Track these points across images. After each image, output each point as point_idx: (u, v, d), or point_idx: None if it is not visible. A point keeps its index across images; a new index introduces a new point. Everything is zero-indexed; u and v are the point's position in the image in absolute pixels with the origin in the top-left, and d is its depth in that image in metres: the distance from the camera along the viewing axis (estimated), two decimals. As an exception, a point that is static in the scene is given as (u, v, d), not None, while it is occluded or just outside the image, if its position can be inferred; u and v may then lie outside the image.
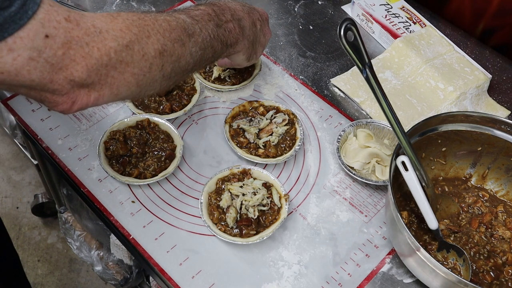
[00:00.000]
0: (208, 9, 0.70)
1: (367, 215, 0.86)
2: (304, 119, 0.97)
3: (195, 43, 0.65)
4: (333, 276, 0.79)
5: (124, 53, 0.55)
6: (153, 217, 0.83)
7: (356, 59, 0.68)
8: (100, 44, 0.53)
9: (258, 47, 0.84)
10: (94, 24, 0.53)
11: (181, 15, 0.65)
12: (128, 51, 0.56)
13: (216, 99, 0.99)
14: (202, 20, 0.67)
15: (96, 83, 0.54)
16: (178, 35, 0.62)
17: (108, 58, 0.54)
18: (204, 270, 0.78)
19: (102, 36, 0.53)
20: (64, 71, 0.51)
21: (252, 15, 0.80)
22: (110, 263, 1.33)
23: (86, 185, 0.86)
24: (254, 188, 0.83)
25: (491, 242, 0.81)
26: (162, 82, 0.63)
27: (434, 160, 0.87)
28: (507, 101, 1.06)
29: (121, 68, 0.55)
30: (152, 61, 0.59)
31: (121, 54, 0.55)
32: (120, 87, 0.57)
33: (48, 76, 0.51)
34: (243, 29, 0.76)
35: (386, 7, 1.16)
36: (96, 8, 1.14)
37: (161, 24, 0.60)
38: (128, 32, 0.56)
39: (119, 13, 0.57)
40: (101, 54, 0.53)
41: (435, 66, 1.03)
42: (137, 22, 0.58)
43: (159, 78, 0.61)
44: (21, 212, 1.86)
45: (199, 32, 0.66)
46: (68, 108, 0.55)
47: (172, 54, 0.61)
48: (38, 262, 1.74)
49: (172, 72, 0.63)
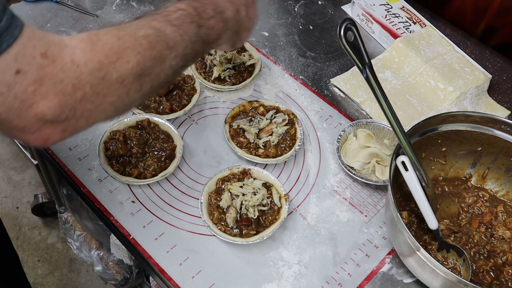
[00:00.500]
0: (189, 8, 0.67)
1: (367, 215, 0.86)
2: (304, 119, 0.97)
3: (176, 56, 0.62)
4: (333, 276, 0.79)
5: (101, 86, 0.53)
6: (153, 217, 0.83)
7: (356, 59, 0.68)
8: (76, 80, 0.50)
9: (242, 33, 0.79)
10: (73, 58, 0.50)
11: (162, 24, 0.62)
12: (105, 82, 0.53)
13: (216, 99, 0.99)
14: (183, 24, 0.64)
15: (70, 118, 0.52)
16: (159, 51, 0.59)
17: (83, 93, 0.51)
18: (204, 270, 0.78)
19: (79, 70, 0.50)
20: (35, 109, 0.49)
21: (236, 1, 0.75)
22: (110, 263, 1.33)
23: (86, 185, 0.86)
24: (254, 188, 0.83)
25: (491, 242, 0.81)
26: (140, 100, 0.61)
27: (434, 160, 0.87)
28: (507, 101, 1.06)
29: (97, 100, 0.53)
30: (130, 86, 0.56)
31: (97, 87, 0.52)
32: (97, 117, 0.55)
33: (17, 113, 0.48)
34: (226, 22, 0.72)
35: (386, 7, 1.16)
36: (96, 8, 1.14)
37: (141, 43, 0.57)
38: (106, 61, 0.53)
39: (98, 35, 0.54)
40: (76, 89, 0.50)
41: (435, 66, 1.03)
42: (117, 45, 0.55)
43: (138, 98, 0.59)
44: (21, 212, 1.86)
45: (181, 41, 0.63)
46: (42, 144, 0.53)
47: (151, 73, 0.59)
48: (38, 262, 1.74)
49: (151, 89, 0.60)
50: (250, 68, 1.01)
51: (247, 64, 1.00)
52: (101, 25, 1.10)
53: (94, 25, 1.10)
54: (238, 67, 1.00)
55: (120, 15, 1.13)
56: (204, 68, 1.00)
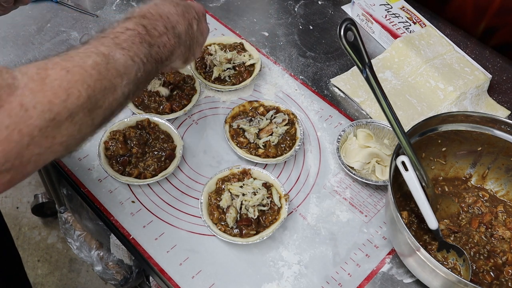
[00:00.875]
0: (138, 27, 0.63)
1: (367, 215, 0.86)
2: (304, 119, 0.97)
3: (128, 82, 0.59)
4: (333, 276, 0.79)
5: (50, 128, 0.49)
6: (153, 217, 0.83)
7: (356, 59, 0.68)
8: (23, 125, 0.47)
9: (196, 48, 0.77)
10: (22, 102, 0.47)
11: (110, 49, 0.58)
12: (55, 123, 0.50)
13: (216, 99, 0.99)
14: (134, 45, 0.61)
15: (17, 166, 0.49)
16: (109, 81, 0.56)
17: (31, 138, 0.48)
18: (204, 270, 0.78)
19: (27, 114, 0.47)
20: None
21: (187, 15, 0.73)
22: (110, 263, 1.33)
23: (86, 185, 0.86)
24: (254, 188, 0.83)
25: (491, 242, 0.81)
26: (93, 133, 0.58)
27: (434, 160, 0.87)
28: (507, 101, 1.06)
29: (47, 143, 0.50)
30: (81, 123, 0.53)
31: (46, 130, 0.49)
32: (47, 159, 0.52)
33: None
34: (179, 37, 0.70)
35: (386, 7, 1.16)
36: (96, 8, 1.14)
37: (91, 74, 0.54)
38: (57, 101, 0.50)
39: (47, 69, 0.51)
40: (22, 135, 0.47)
41: (435, 66, 1.03)
42: (66, 80, 0.51)
43: (90, 132, 0.57)
44: (21, 212, 1.86)
45: (132, 66, 0.59)
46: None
47: (102, 105, 0.55)
48: (38, 262, 1.74)
49: (103, 120, 0.58)
50: (250, 68, 1.01)
51: (247, 64, 1.00)
52: (100, 25, 1.10)
53: (94, 25, 1.10)
54: (238, 67, 1.00)
55: (120, 15, 1.13)
56: (204, 68, 1.00)
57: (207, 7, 1.17)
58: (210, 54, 1.01)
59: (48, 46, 1.05)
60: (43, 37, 1.07)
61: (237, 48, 1.03)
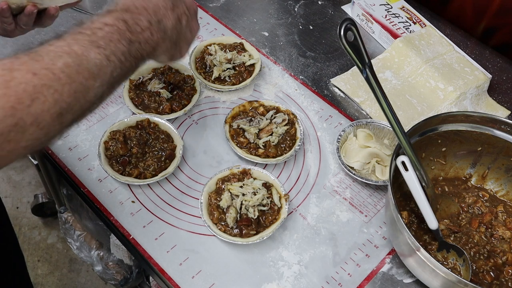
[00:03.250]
0: (118, 22, 0.60)
1: (367, 215, 0.86)
2: (304, 119, 0.97)
3: (102, 84, 0.56)
4: (333, 276, 0.79)
5: (13, 133, 0.48)
6: (153, 217, 0.83)
7: (356, 59, 0.68)
8: None
9: (183, 45, 0.74)
10: None
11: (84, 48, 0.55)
12: (18, 128, 0.48)
13: (216, 99, 0.99)
14: (111, 43, 0.58)
15: None
16: (81, 83, 0.53)
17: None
18: (204, 270, 0.78)
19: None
20: None
21: (176, 10, 0.69)
22: (110, 263, 1.33)
23: (86, 185, 0.86)
24: (254, 188, 0.83)
25: (491, 242, 0.81)
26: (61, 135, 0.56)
27: (434, 160, 0.87)
28: (507, 101, 1.06)
29: (9, 147, 0.48)
30: (48, 127, 0.51)
31: (9, 135, 0.48)
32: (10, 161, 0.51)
33: None
34: (164, 32, 0.67)
35: (386, 7, 1.16)
36: (96, 8, 1.14)
37: (59, 77, 0.51)
38: (20, 106, 0.48)
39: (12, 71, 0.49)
40: None
41: (435, 66, 1.03)
42: (32, 84, 0.49)
43: (58, 134, 0.55)
44: (21, 212, 1.86)
45: (107, 66, 0.57)
46: None
47: (72, 109, 0.53)
48: (38, 262, 1.74)
49: (73, 122, 0.56)
50: (250, 68, 1.01)
51: (247, 64, 1.00)
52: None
53: (94, 25, 1.10)
54: (238, 67, 1.00)
55: (120, 15, 1.13)
56: (204, 68, 1.00)
57: (207, 7, 1.17)
58: (210, 54, 1.01)
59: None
60: (43, 37, 1.07)
61: (237, 48, 1.03)
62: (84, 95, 0.54)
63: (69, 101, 0.52)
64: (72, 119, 0.54)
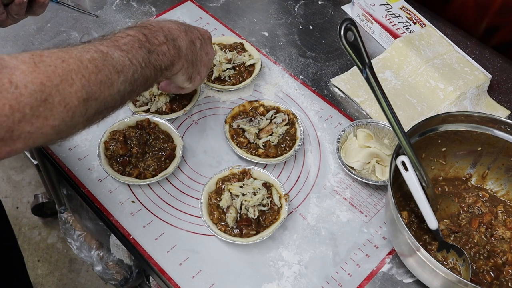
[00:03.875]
0: (138, 34, 0.66)
1: (367, 215, 0.86)
2: (304, 119, 0.97)
3: (125, 80, 0.61)
4: (333, 276, 0.79)
5: (42, 108, 0.51)
6: (153, 217, 0.83)
7: (356, 59, 0.68)
8: (14, 101, 0.48)
9: (200, 67, 0.80)
10: (11, 79, 0.49)
11: (109, 48, 0.60)
12: (47, 105, 0.51)
13: (216, 99, 0.99)
14: (133, 49, 0.63)
15: (7, 139, 0.50)
16: (106, 76, 0.58)
17: (22, 114, 0.49)
18: (204, 270, 0.78)
19: (18, 91, 0.49)
20: None
21: (190, 34, 0.76)
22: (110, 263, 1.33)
23: (86, 185, 0.86)
24: (254, 188, 0.83)
25: (491, 242, 0.81)
26: (85, 124, 0.59)
27: (434, 160, 0.87)
28: (507, 101, 1.06)
29: (38, 123, 0.51)
30: (74, 110, 0.54)
31: (38, 109, 0.50)
32: (37, 140, 0.53)
33: None
34: (179, 49, 0.72)
35: (386, 7, 1.16)
36: (96, 8, 1.14)
37: (87, 66, 0.56)
38: (49, 83, 0.51)
39: (42, 56, 0.52)
40: (14, 111, 0.48)
41: (435, 66, 1.03)
42: (61, 67, 0.53)
43: (82, 122, 0.58)
44: (21, 212, 1.86)
45: (129, 66, 0.62)
46: None
47: (97, 98, 0.57)
48: (38, 262, 1.74)
49: (97, 114, 0.59)
50: (250, 68, 1.01)
51: (247, 64, 1.00)
52: (100, 25, 1.11)
53: (94, 25, 1.10)
54: (238, 67, 1.00)
55: (120, 15, 1.13)
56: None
57: (207, 7, 1.17)
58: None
59: (48, 46, 1.04)
60: (43, 37, 1.07)
61: (237, 48, 1.03)
62: (109, 87, 0.58)
63: (95, 89, 0.56)
64: (96, 109, 0.58)
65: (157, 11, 1.14)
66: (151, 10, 1.15)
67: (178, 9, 1.15)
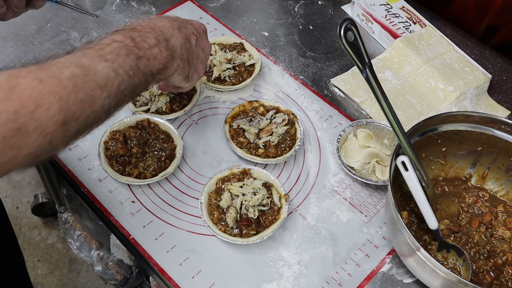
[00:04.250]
0: (125, 39, 0.61)
1: (367, 215, 0.86)
2: (304, 119, 0.97)
3: (109, 95, 0.57)
4: (333, 276, 0.79)
5: (15, 138, 0.47)
6: (153, 217, 0.83)
7: (356, 59, 0.68)
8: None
9: (197, 64, 0.76)
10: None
11: (92, 60, 0.56)
12: (21, 134, 0.48)
13: (216, 99, 0.99)
14: (119, 57, 0.59)
15: None
16: (87, 93, 0.54)
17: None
18: (204, 270, 0.78)
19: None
20: None
21: (184, 30, 0.72)
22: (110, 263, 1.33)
23: (86, 185, 0.86)
24: (254, 188, 0.83)
25: (491, 242, 0.81)
26: (66, 144, 0.55)
27: (434, 160, 0.87)
28: (507, 101, 1.06)
29: (11, 153, 0.48)
30: (52, 135, 0.51)
31: (11, 140, 0.47)
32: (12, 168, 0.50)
33: None
34: (173, 50, 0.68)
35: (386, 7, 1.16)
36: (96, 8, 1.14)
37: (66, 85, 0.51)
38: (24, 111, 0.48)
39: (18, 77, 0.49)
40: None
41: (435, 66, 1.03)
42: (37, 90, 0.49)
43: (62, 143, 0.54)
44: (21, 212, 1.86)
45: (114, 78, 0.57)
46: None
47: (78, 118, 0.53)
48: (38, 262, 1.74)
49: (78, 132, 0.55)
50: (250, 68, 1.01)
51: (247, 64, 1.00)
52: (100, 25, 1.11)
53: (94, 25, 1.10)
54: (238, 67, 1.00)
55: (120, 15, 1.13)
56: None
57: (207, 7, 1.17)
58: (210, 54, 1.01)
59: (48, 46, 1.05)
60: (43, 37, 1.07)
61: (237, 48, 1.03)
62: (91, 105, 0.54)
63: (75, 110, 0.52)
64: (77, 129, 0.54)
65: (157, 11, 1.14)
66: (151, 10, 1.15)
67: (178, 9, 1.15)
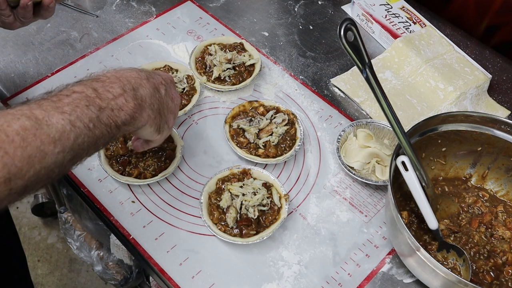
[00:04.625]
0: (87, 89, 0.59)
1: (367, 215, 0.86)
2: (304, 119, 0.97)
3: (63, 149, 0.53)
4: (333, 276, 0.79)
5: None
6: (153, 217, 0.83)
7: (356, 59, 0.68)
8: None
9: (168, 115, 0.73)
10: None
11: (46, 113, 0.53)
12: None
13: (216, 99, 0.99)
14: (77, 109, 0.56)
15: None
16: (37, 148, 0.51)
17: None
18: (204, 270, 0.78)
19: None
20: None
21: (153, 80, 0.69)
22: (110, 263, 1.33)
23: (86, 185, 0.86)
24: (254, 188, 0.83)
25: (491, 242, 0.81)
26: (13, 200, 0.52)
27: (434, 160, 0.87)
28: (507, 101, 1.06)
29: None
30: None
31: None
32: None
33: None
34: (142, 99, 0.65)
35: (386, 7, 1.16)
36: (96, 8, 1.14)
37: (13, 140, 0.49)
38: None
39: None
40: None
41: (435, 66, 1.03)
42: None
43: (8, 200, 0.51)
44: (21, 212, 1.86)
45: (70, 131, 0.54)
46: None
47: (24, 175, 0.50)
48: (38, 262, 1.74)
49: (26, 189, 0.52)
50: (250, 68, 1.01)
51: (247, 64, 1.00)
52: (100, 25, 1.10)
53: (94, 25, 1.10)
54: (238, 67, 1.00)
55: (120, 15, 1.13)
56: (204, 68, 1.00)
57: (207, 7, 1.17)
58: (210, 54, 1.01)
59: (48, 46, 1.05)
60: (43, 37, 1.07)
61: (237, 48, 1.03)
62: (40, 160, 0.51)
63: (21, 166, 0.49)
64: (25, 186, 0.51)
65: (157, 11, 1.14)
66: (151, 10, 1.15)
67: (178, 9, 1.15)
